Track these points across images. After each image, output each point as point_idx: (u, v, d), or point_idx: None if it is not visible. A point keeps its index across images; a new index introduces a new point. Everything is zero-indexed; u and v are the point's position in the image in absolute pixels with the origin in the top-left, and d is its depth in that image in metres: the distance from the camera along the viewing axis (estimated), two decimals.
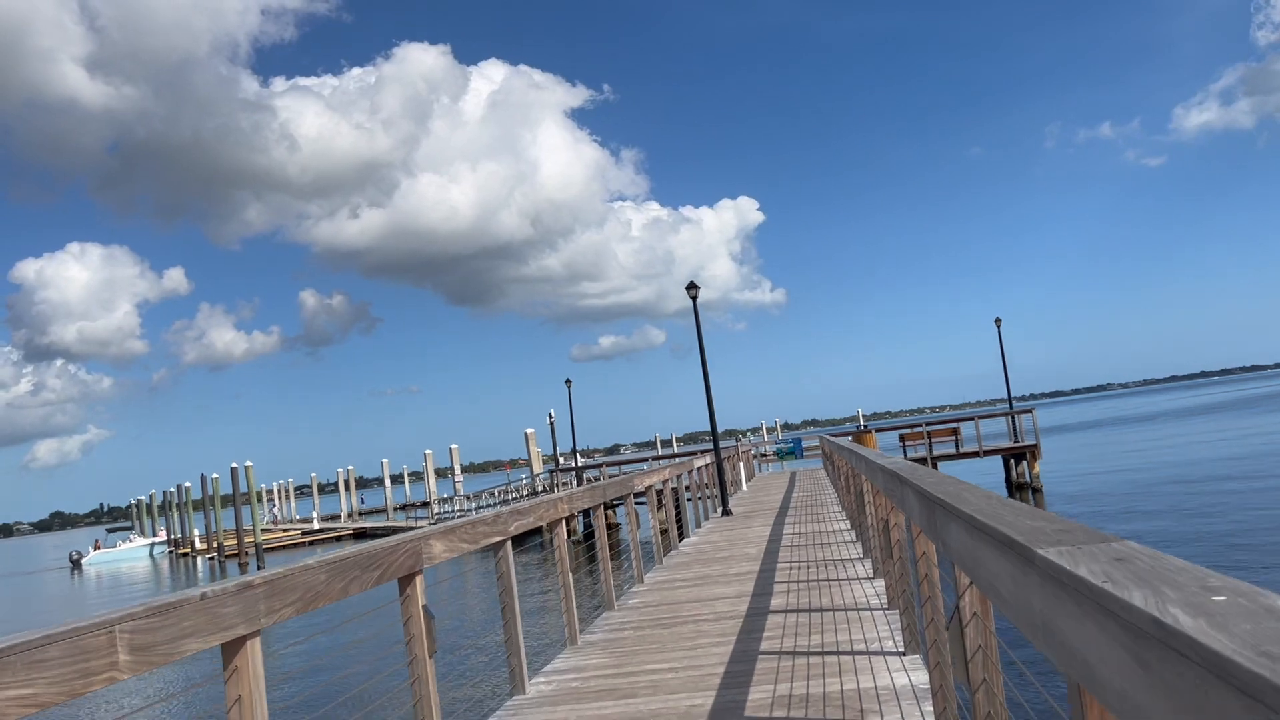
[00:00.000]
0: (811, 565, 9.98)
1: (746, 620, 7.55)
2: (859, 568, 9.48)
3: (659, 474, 12.64)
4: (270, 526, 73.09)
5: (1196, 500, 24.55)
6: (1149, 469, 34.96)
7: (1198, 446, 43.36)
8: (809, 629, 7.06)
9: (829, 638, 6.65)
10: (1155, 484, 29.71)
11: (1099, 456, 44.86)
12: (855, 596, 8.01)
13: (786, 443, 38.32)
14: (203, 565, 52.43)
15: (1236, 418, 65.07)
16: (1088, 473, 36.67)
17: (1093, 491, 30.03)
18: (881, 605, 7.40)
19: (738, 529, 15.14)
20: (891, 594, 7.18)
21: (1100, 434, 68.23)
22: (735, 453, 27.07)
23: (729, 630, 7.26)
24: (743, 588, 9.15)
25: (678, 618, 8.03)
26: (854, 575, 9.00)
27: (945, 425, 34.36)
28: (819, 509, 16.74)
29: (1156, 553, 1.28)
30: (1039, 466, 32.67)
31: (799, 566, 10.05)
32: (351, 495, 72.68)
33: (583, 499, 8.00)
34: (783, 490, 23.54)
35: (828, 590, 8.42)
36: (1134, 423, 78.83)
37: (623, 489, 9.95)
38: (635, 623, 8.01)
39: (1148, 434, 60.25)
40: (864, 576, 8.85)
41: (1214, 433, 52.29)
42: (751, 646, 6.65)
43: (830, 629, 6.94)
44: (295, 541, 57.23)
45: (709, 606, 8.40)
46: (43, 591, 51.07)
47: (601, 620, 8.31)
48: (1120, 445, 52.56)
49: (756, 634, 7.06)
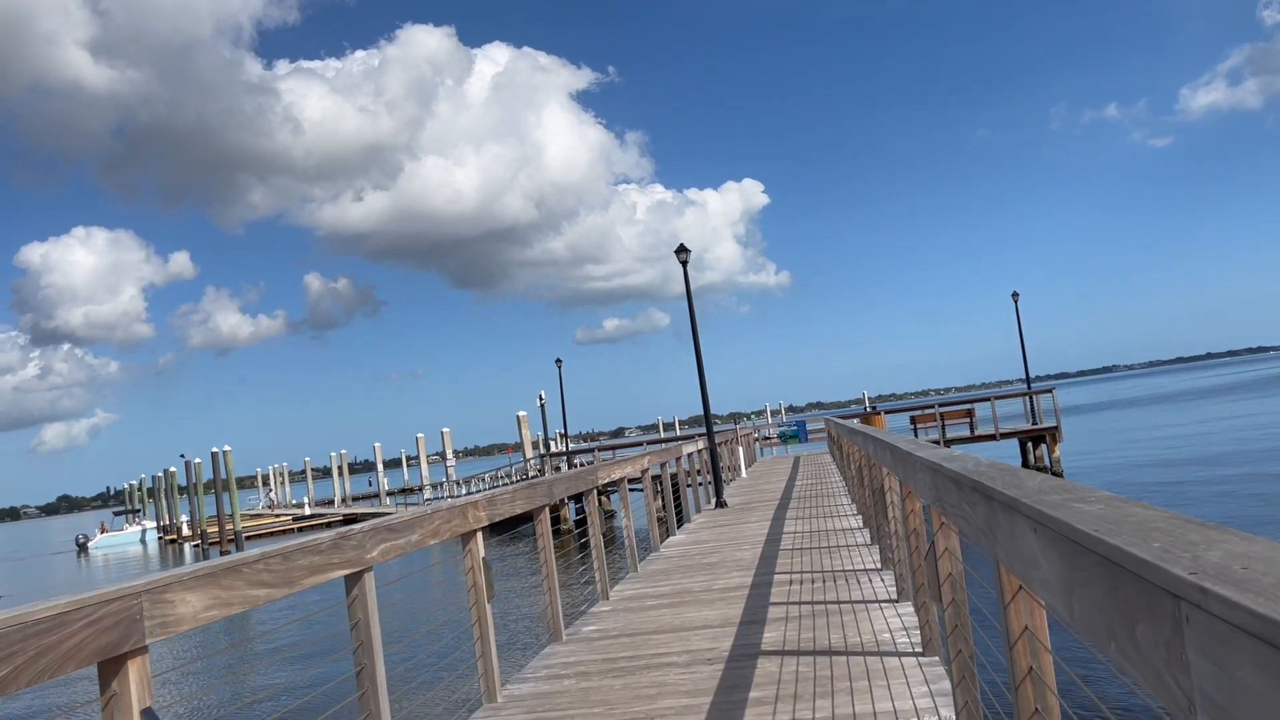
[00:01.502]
0: (817, 579, 7.99)
1: (729, 668, 5.55)
2: (877, 583, 7.49)
3: (633, 463, 10.63)
4: (265, 511, 71.90)
5: (1249, 486, 22.47)
6: (1182, 452, 32.87)
7: (1227, 428, 41.25)
8: (813, 681, 5.08)
9: (842, 701, 4.67)
10: (1194, 468, 27.66)
11: (1122, 439, 42.72)
12: (876, 629, 6.01)
13: (790, 426, 36.28)
14: (189, 552, 50.93)
15: (1260, 399, 62.87)
16: (1113, 457, 34.59)
17: (1122, 478, 27.96)
18: (914, 648, 5.40)
19: (731, 525, 13.15)
20: (930, 632, 5.19)
21: (1118, 415, 66.03)
22: (734, 436, 25.06)
23: (703, 683, 5.27)
24: (729, 611, 7.16)
25: (639, 659, 6.04)
26: (873, 597, 7.00)
27: (959, 406, 32.30)
28: (824, 501, 14.74)
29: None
30: (1059, 450, 30.61)
31: (802, 580, 8.06)
32: (345, 480, 70.93)
33: (514, 501, 6.01)
34: (785, 478, 21.54)
35: (839, 620, 6.42)
36: (1150, 404, 76.61)
37: (579, 484, 7.95)
38: (582, 665, 6.02)
39: (1169, 415, 58.09)
40: (885, 599, 6.85)
41: (1239, 414, 50.17)
42: (733, 716, 4.66)
43: (844, 684, 4.96)
44: (285, 528, 55.65)
45: (683, 641, 6.41)
46: (51, 575, 49.97)
47: (541, 660, 6.33)
48: (1142, 427, 50.45)
49: (741, 690, 5.08)
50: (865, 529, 10.55)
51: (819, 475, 20.80)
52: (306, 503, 66.88)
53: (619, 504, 12.42)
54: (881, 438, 5.97)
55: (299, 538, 3.91)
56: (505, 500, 5.78)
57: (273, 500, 78.55)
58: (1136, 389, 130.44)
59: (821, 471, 21.98)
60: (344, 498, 69.89)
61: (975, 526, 2.52)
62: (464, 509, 5.21)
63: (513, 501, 6.00)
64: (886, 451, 5.55)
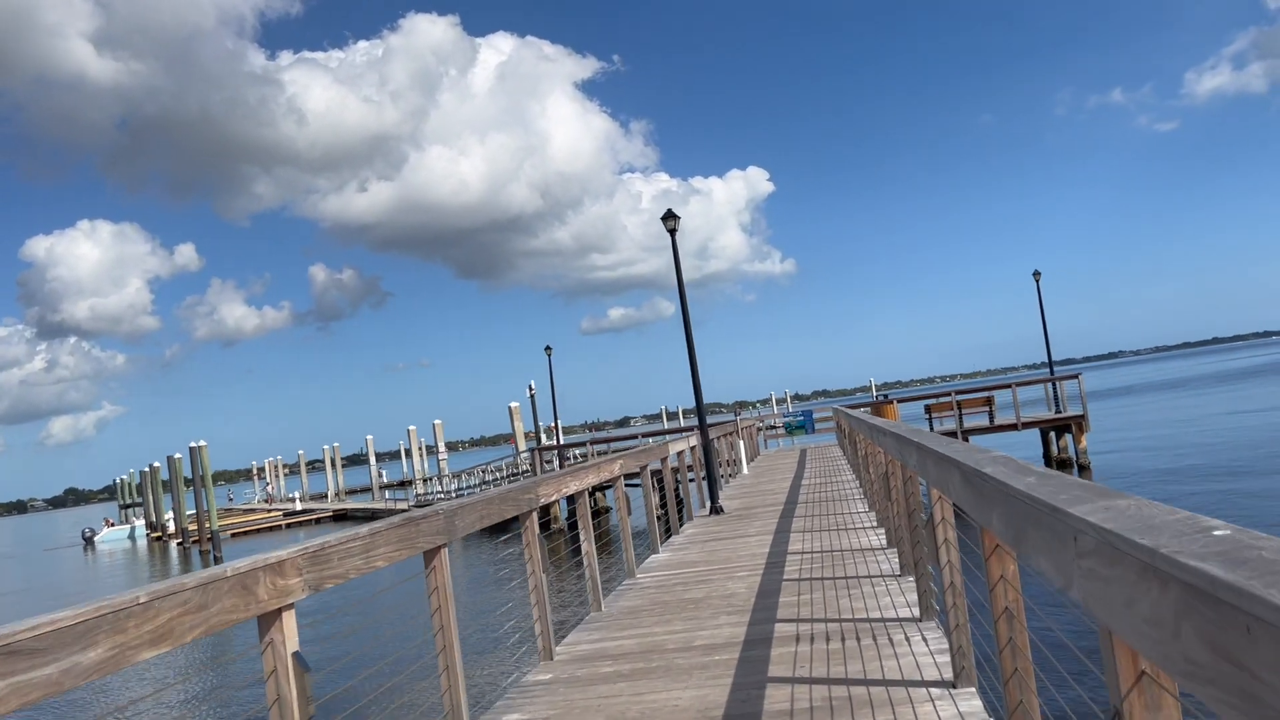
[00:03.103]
0: (834, 633, 5.86)
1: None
2: (917, 640, 5.37)
3: (596, 472, 8.41)
4: (260, 506, 70.23)
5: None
6: (1219, 440, 30.63)
7: (1264, 415, 38.99)
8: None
9: None
10: (1235, 459, 25.43)
11: (1149, 427, 40.43)
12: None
13: (796, 415, 34.08)
14: (174, 551, 49.17)
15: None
16: (1144, 447, 32.34)
17: (1159, 470, 25.74)
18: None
19: (726, 539, 11.03)
20: None
21: (1139, 401, 63.63)
22: (734, 428, 22.92)
23: None
24: (710, 693, 5.03)
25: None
26: (916, 676, 4.86)
27: (977, 394, 30.08)
28: (836, 506, 12.61)
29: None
30: (1086, 440, 28.39)
31: (814, 636, 5.92)
32: (339, 473, 69.08)
33: (369, 553, 3.87)
34: (790, 475, 19.41)
35: (868, 709, 4.29)
36: (1171, 389, 74.15)
37: (505, 508, 5.76)
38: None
39: (1195, 400, 55.73)
40: (936, 679, 4.71)
41: (1269, 403, 47.91)
42: None
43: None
44: (273, 524, 53.80)
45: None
46: (61, 570, 48.60)
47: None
48: (1169, 413, 48.14)
49: None
50: (890, 550, 8.44)
51: (828, 472, 18.67)
52: (297, 497, 65.04)
53: (614, 501, 10.52)
54: (937, 448, 3.83)
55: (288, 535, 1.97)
56: (338, 554, 3.64)
57: (270, 494, 77.17)
58: (1148, 374, 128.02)
59: (831, 468, 19.85)
60: (338, 491, 68.09)
61: None
62: (253, 573, 3.09)
63: (367, 553, 3.87)
64: (952, 471, 3.40)
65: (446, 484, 41.39)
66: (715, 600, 7.43)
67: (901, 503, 6.58)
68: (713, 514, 13.68)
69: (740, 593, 7.58)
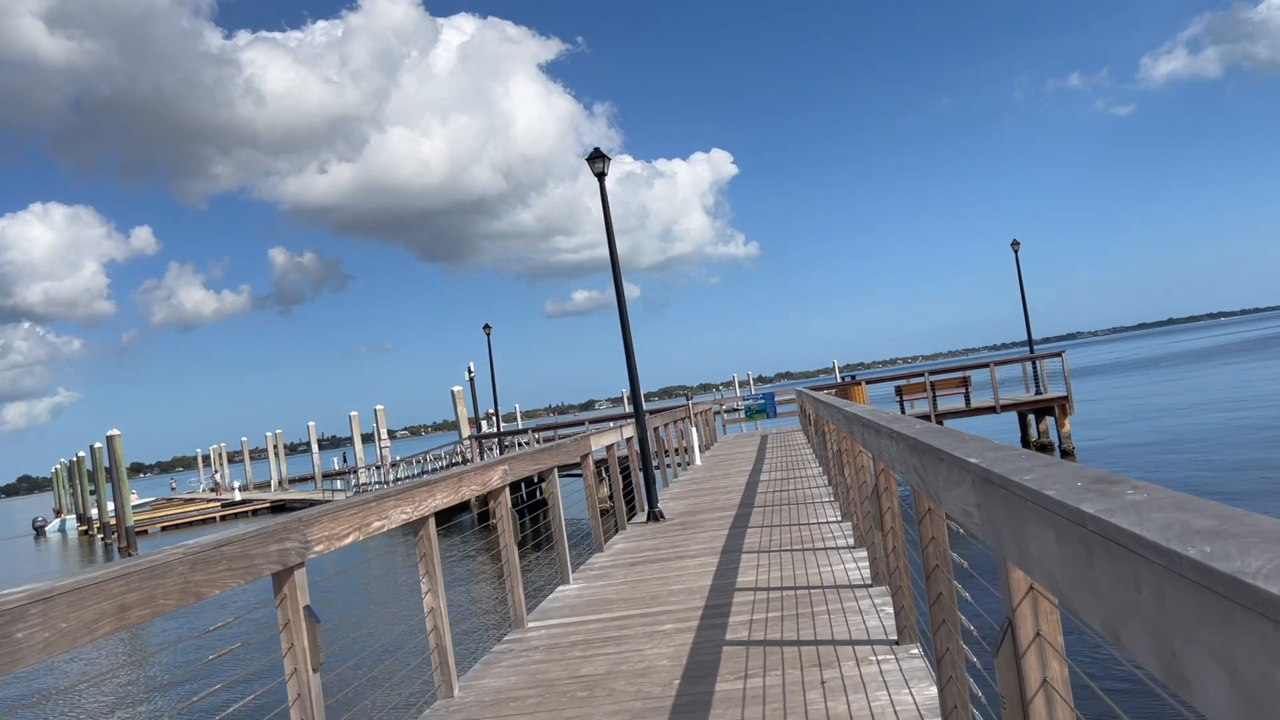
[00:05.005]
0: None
1: None
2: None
3: (474, 478, 5.71)
4: (204, 495, 67.29)
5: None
6: (1207, 420, 28.69)
7: (1246, 390, 37.28)
8: None
9: None
10: (1226, 438, 23.41)
11: (1132, 407, 38.52)
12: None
13: (757, 399, 31.68)
14: (99, 546, 46.20)
15: (1263, 360, 59.28)
16: (1129, 429, 30.35)
17: (1147, 456, 23.66)
18: None
19: (660, 561, 8.52)
20: None
21: (1116, 380, 62.05)
22: (687, 413, 20.45)
23: None
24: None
25: None
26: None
27: (952, 374, 27.86)
28: (800, 511, 10.15)
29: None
30: (1069, 423, 26.26)
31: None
32: (282, 462, 65.85)
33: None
34: (748, 466, 16.98)
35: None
36: (1143, 368, 72.87)
37: (314, 530, 3.20)
38: None
39: (1172, 379, 54.15)
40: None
41: (1250, 376, 46.46)
42: None
43: None
44: (207, 517, 50.85)
45: None
46: (17, 558, 46.11)
47: None
48: (1150, 392, 46.43)
49: None
50: (867, 562, 5.97)
51: (791, 464, 16.25)
52: (237, 487, 61.91)
53: (583, 487, 8.02)
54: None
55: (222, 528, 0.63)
56: None
57: (217, 482, 74.22)
58: (1117, 352, 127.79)
59: (794, 458, 17.44)
60: (280, 480, 65.01)
61: None
62: None
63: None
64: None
65: (384, 473, 38.66)
66: (620, 686, 4.88)
67: (887, 514, 4.13)
68: (650, 520, 11.18)
69: (660, 669, 5.05)
